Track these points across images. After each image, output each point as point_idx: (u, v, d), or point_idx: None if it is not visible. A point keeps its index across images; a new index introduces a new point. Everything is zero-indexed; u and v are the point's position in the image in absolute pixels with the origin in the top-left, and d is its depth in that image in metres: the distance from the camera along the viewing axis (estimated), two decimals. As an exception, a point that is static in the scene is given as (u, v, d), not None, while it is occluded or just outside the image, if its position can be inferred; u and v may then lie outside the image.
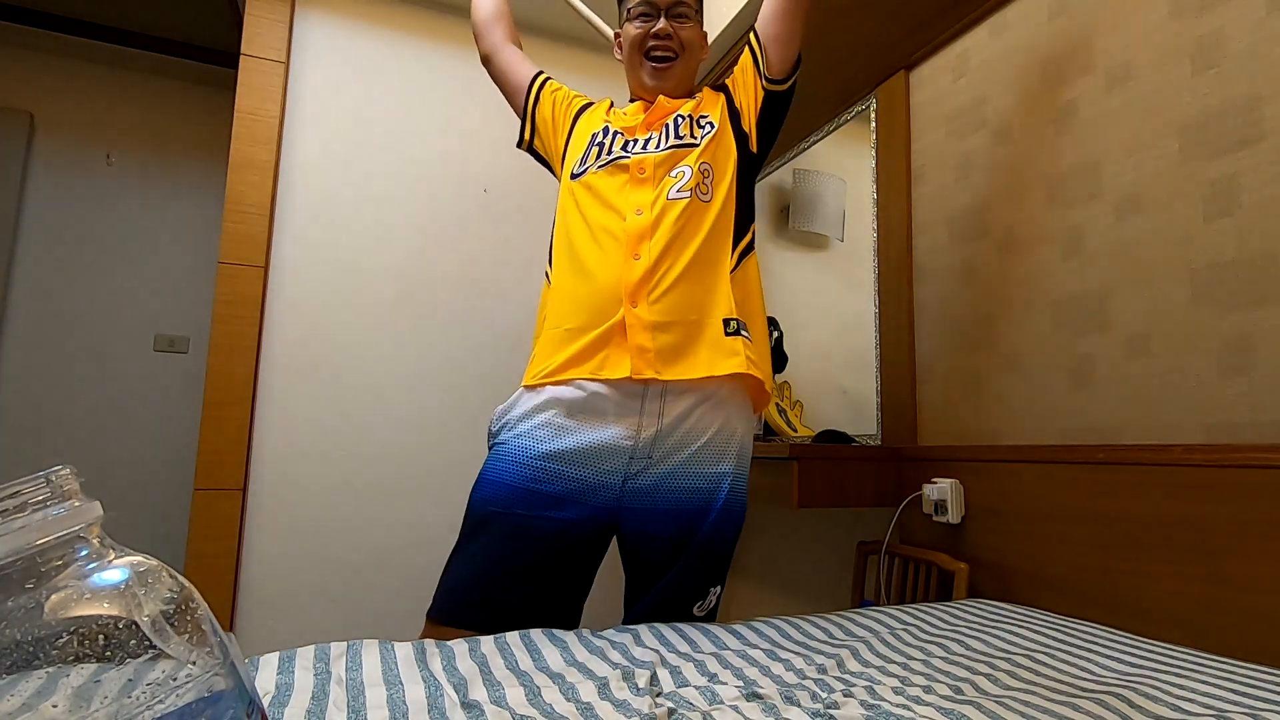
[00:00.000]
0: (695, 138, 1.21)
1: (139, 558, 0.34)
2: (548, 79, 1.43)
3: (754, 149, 1.28)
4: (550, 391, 1.12)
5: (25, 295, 2.54)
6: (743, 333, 1.15)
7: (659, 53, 1.26)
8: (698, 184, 1.17)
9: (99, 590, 0.32)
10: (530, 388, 1.15)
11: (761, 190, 2.44)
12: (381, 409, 2.02)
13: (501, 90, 1.47)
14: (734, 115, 1.27)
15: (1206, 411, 1.07)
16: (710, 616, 1.17)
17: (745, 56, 1.29)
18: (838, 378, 1.99)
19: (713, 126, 1.23)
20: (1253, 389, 1.02)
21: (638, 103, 1.33)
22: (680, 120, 1.23)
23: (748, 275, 1.24)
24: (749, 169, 1.28)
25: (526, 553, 1.08)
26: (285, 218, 1.99)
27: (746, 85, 1.28)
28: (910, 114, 1.75)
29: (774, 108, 1.28)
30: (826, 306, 2.09)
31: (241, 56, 1.95)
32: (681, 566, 1.12)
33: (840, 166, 2.06)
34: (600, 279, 1.12)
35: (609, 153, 1.22)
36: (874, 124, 1.86)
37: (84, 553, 0.32)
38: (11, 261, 2.53)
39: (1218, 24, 1.09)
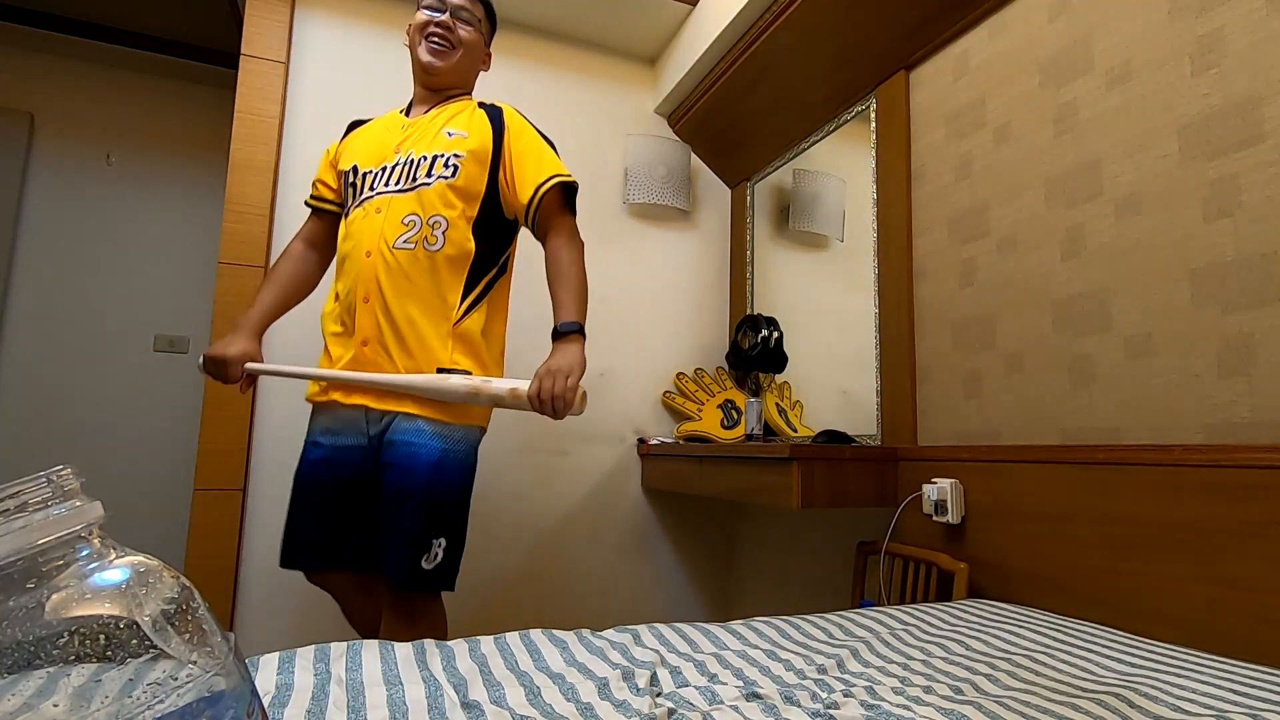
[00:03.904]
0: (431, 177, 1.34)
1: (140, 558, 0.34)
2: (316, 195, 1.55)
3: (507, 217, 1.43)
4: (319, 407, 1.40)
5: (25, 295, 2.54)
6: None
7: (436, 39, 1.41)
8: (425, 236, 1.32)
9: (100, 590, 0.32)
10: (310, 400, 1.42)
11: (762, 190, 2.44)
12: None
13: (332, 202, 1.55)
14: (494, 175, 1.40)
15: (1206, 411, 1.07)
16: (439, 574, 1.28)
17: (514, 179, 1.40)
18: (838, 378, 1.99)
19: (454, 171, 1.35)
20: (1253, 389, 1.02)
21: (401, 118, 1.48)
22: (423, 161, 1.36)
23: (477, 324, 1.37)
24: (495, 220, 1.41)
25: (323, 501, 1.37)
26: (285, 218, 1.99)
27: (512, 183, 1.39)
28: (910, 114, 1.75)
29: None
30: (826, 306, 2.09)
31: (241, 57, 1.95)
32: (399, 513, 1.29)
33: (840, 166, 2.06)
34: (343, 317, 1.36)
35: (359, 193, 1.39)
36: (874, 124, 1.86)
37: (85, 552, 0.32)
38: (11, 262, 2.53)
39: (1218, 24, 1.09)
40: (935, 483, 1.47)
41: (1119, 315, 1.21)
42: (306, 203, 1.57)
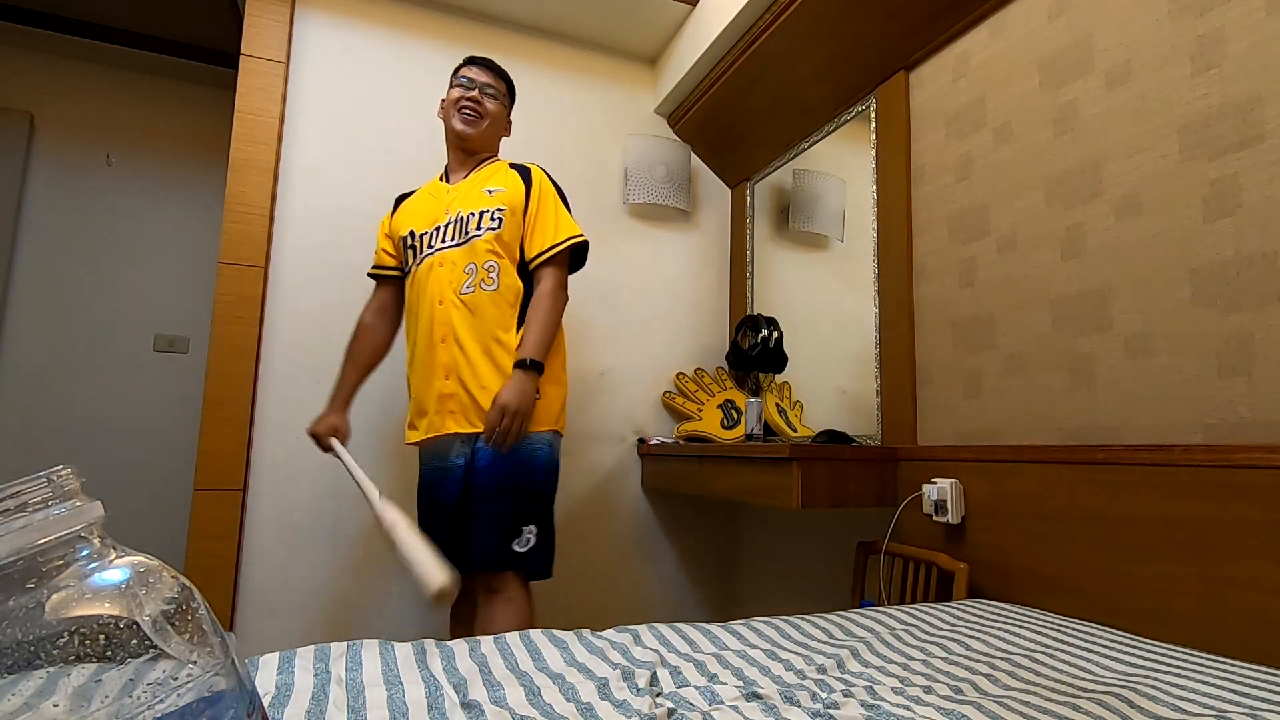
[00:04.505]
0: (481, 230, 1.56)
1: (140, 557, 0.34)
2: (379, 264, 1.76)
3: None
4: (423, 444, 1.62)
5: (25, 295, 2.54)
6: None
7: (467, 110, 1.65)
8: (482, 279, 1.55)
9: (100, 590, 0.32)
10: (414, 443, 1.63)
11: (762, 190, 2.44)
12: (381, 408, 2.02)
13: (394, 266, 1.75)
14: (524, 217, 1.62)
15: (1206, 411, 1.07)
16: (533, 558, 1.49)
17: (529, 235, 1.60)
18: (838, 378, 1.99)
19: (499, 223, 1.56)
20: (1253, 389, 1.02)
21: (443, 184, 1.69)
22: (471, 217, 1.57)
23: None
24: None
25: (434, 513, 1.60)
26: (285, 218, 1.99)
27: (519, 228, 1.60)
28: (910, 114, 1.75)
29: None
30: (826, 306, 2.09)
31: (241, 56, 1.95)
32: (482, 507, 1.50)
33: (840, 166, 2.06)
34: (424, 358, 1.57)
35: (420, 253, 1.61)
36: (874, 124, 1.86)
37: (85, 552, 0.32)
38: (11, 261, 2.53)
39: (1218, 24, 1.09)
40: (935, 483, 1.47)
41: (1119, 315, 1.21)
42: (370, 274, 1.76)
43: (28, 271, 2.55)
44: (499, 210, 1.57)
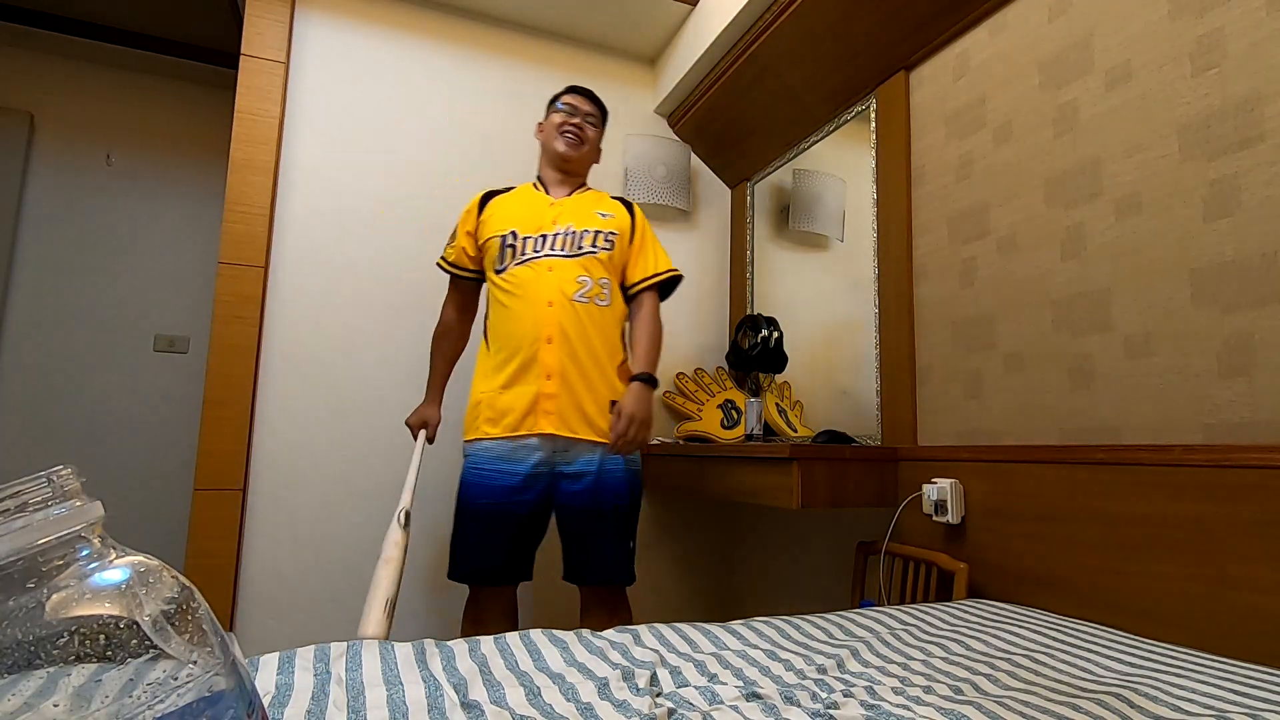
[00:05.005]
0: (595, 248, 1.64)
1: (140, 557, 0.34)
2: (459, 264, 1.75)
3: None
4: (495, 442, 1.57)
5: (25, 295, 2.54)
6: None
7: (570, 134, 1.73)
8: (597, 294, 1.61)
9: (100, 590, 0.32)
10: (472, 441, 1.60)
11: (762, 190, 2.44)
12: (381, 409, 2.02)
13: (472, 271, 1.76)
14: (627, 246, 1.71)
15: (1206, 411, 1.07)
16: (633, 569, 1.64)
17: (633, 262, 1.71)
18: (838, 378, 1.99)
19: (611, 245, 1.65)
20: (1253, 389, 1.02)
21: (545, 196, 1.73)
22: (585, 234, 1.64)
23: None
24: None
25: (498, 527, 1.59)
26: (285, 218, 1.99)
27: (624, 254, 1.70)
28: (910, 114, 1.75)
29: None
30: (826, 306, 2.09)
31: (241, 56, 1.95)
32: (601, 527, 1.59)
33: (840, 166, 2.06)
34: (521, 357, 1.56)
35: (521, 254, 1.62)
36: (874, 124, 1.86)
37: (85, 552, 0.32)
38: (11, 261, 2.52)
39: (1218, 24, 1.09)
40: (935, 483, 1.47)
41: (1119, 315, 1.21)
42: (445, 267, 1.76)
43: (28, 272, 2.55)
44: (611, 234, 1.66)
